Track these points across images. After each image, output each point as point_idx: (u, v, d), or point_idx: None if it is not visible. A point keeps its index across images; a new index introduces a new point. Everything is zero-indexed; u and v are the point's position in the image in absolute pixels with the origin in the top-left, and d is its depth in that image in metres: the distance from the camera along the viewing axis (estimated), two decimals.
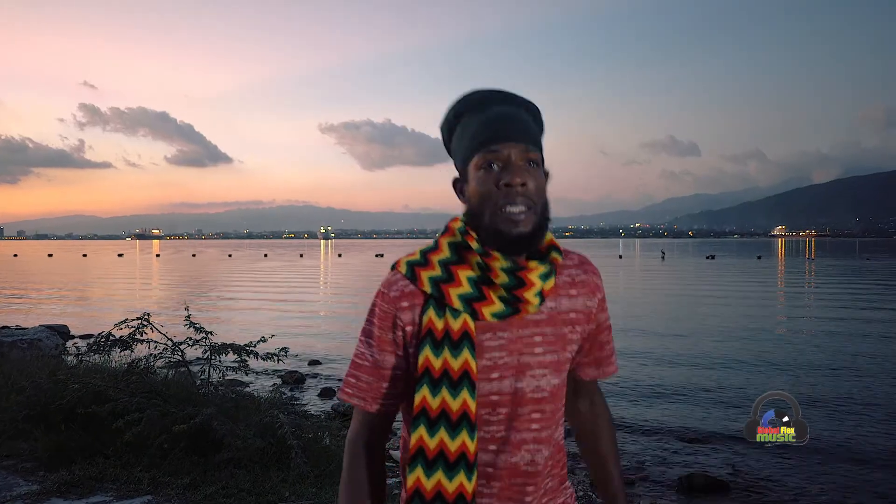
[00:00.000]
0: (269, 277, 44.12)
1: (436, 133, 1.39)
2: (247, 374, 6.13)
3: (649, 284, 37.33)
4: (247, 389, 7.25)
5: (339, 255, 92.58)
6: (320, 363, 13.16)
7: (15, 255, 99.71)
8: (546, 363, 1.27)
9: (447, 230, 1.31)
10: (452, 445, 1.20)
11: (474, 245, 1.24)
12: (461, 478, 1.20)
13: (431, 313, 1.23)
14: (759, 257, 76.06)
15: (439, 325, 1.22)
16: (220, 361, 5.92)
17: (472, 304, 1.22)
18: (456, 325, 1.22)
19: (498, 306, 1.22)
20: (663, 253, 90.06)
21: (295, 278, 43.36)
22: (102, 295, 30.93)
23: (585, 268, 1.36)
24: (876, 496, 6.35)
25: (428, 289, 1.25)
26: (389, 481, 3.73)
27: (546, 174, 1.29)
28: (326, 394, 10.16)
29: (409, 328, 1.26)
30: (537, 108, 1.33)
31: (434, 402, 1.21)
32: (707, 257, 76.87)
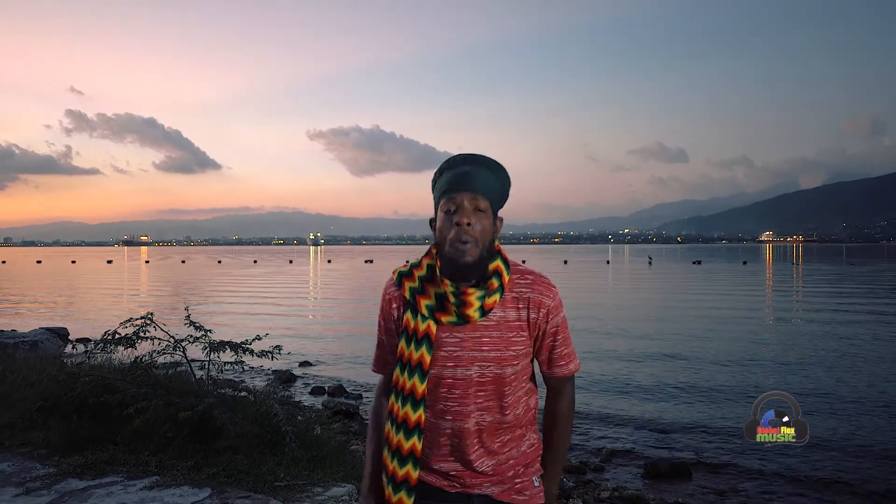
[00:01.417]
0: (259, 283, 44.40)
1: (425, 139, 1.87)
2: (244, 370, 6.55)
3: (635, 289, 37.86)
4: (242, 385, 7.65)
5: (329, 262, 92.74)
6: (311, 364, 13.61)
7: (3, 262, 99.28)
8: (491, 358, 1.69)
9: (429, 253, 1.79)
10: (401, 412, 1.72)
11: (438, 273, 1.71)
12: (413, 439, 1.71)
13: (409, 315, 1.73)
14: (744, 262, 76.79)
15: (412, 324, 1.72)
16: (218, 358, 6.33)
17: (434, 312, 1.71)
18: (422, 326, 1.71)
19: (452, 317, 1.69)
20: (650, 258, 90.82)
21: (285, 284, 43.67)
22: (96, 300, 31.17)
23: (536, 287, 1.74)
24: (829, 477, 6.85)
25: (407, 296, 1.75)
26: None
27: (500, 220, 1.76)
28: (317, 392, 10.60)
29: (397, 321, 1.79)
30: (504, 171, 1.78)
31: (400, 380, 1.72)
32: (693, 262, 77.59)
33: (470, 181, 1.68)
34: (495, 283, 1.70)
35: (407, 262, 1.83)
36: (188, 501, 4.37)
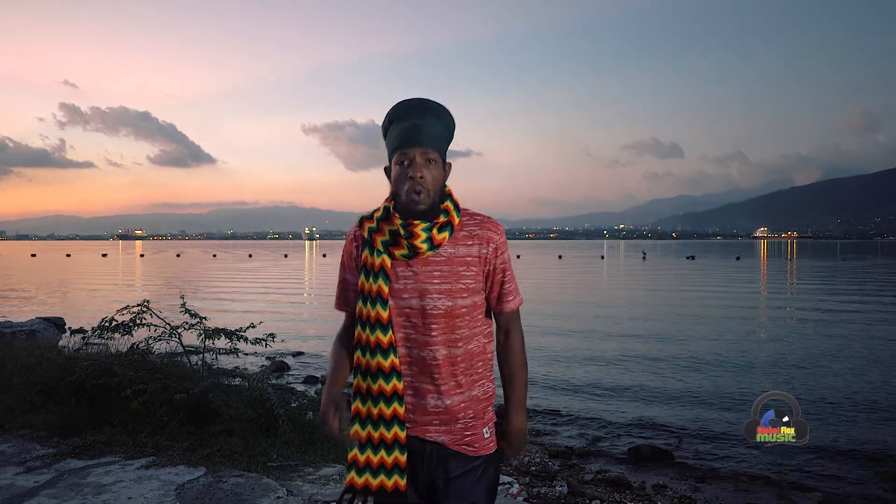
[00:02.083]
0: (254, 277, 44.49)
1: None
2: (238, 358, 6.71)
3: (628, 283, 38.09)
4: (236, 371, 7.82)
5: (324, 256, 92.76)
6: (305, 354, 13.84)
7: None
8: (441, 290, 1.84)
9: (388, 198, 1.94)
10: (373, 338, 1.86)
11: (392, 212, 1.87)
12: (391, 357, 1.85)
13: (366, 252, 1.91)
14: (737, 258, 77.23)
15: (369, 260, 1.89)
16: (213, 344, 6.49)
17: (388, 247, 1.87)
18: (377, 261, 1.88)
19: (404, 250, 1.85)
20: (644, 254, 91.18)
21: (280, 278, 43.76)
22: (92, 292, 31.26)
23: (484, 226, 1.90)
24: (810, 462, 7.05)
25: (365, 235, 1.92)
26: None
27: (448, 165, 1.92)
28: (310, 381, 10.79)
29: (356, 259, 1.96)
30: (448, 114, 1.93)
31: (364, 311, 1.88)
32: (687, 258, 77.98)
33: (420, 135, 1.83)
34: (442, 217, 1.86)
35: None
36: (184, 479, 4.54)
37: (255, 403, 5.66)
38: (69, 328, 16.18)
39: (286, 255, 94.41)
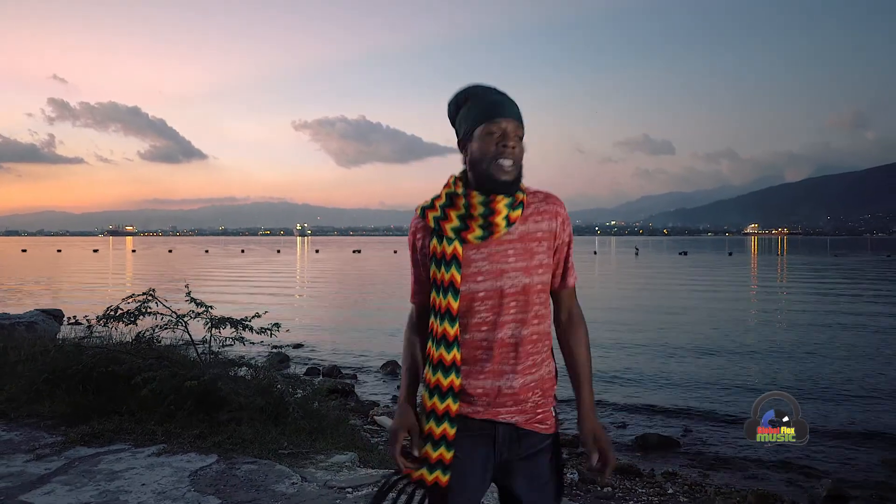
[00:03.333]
0: (248, 272, 44.36)
1: (411, 130, 1.97)
2: (242, 346, 6.65)
3: (623, 278, 38.17)
4: (241, 361, 7.78)
5: (317, 251, 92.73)
6: (304, 347, 13.81)
7: None
8: (518, 268, 1.80)
9: (447, 184, 1.90)
10: (440, 329, 1.82)
11: (460, 190, 1.83)
12: (454, 351, 1.81)
13: (435, 241, 1.85)
14: (730, 253, 77.61)
15: (439, 249, 1.83)
16: (219, 333, 6.43)
17: (460, 233, 1.82)
18: (448, 249, 1.82)
19: (478, 232, 1.80)
20: (637, 249, 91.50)
21: (274, 273, 43.68)
22: (85, 286, 31.10)
23: (549, 200, 1.88)
24: (814, 450, 7.07)
25: (432, 224, 1.86)
26: None
27: (524, 148, 1.86)
28: (311, 373, 10.77)
29: (422, 251, 1.91)
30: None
31: (437, 301, 1.83)
32: (680, 253, 78.28)
33: (510, 109, 1.81)
34: (520, 195, 1.84)
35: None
36: (196, 466, 4.50)
37: (264, 392, 5.62)
38: (74, 316, 16.22)
39: (279, 251, 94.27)
